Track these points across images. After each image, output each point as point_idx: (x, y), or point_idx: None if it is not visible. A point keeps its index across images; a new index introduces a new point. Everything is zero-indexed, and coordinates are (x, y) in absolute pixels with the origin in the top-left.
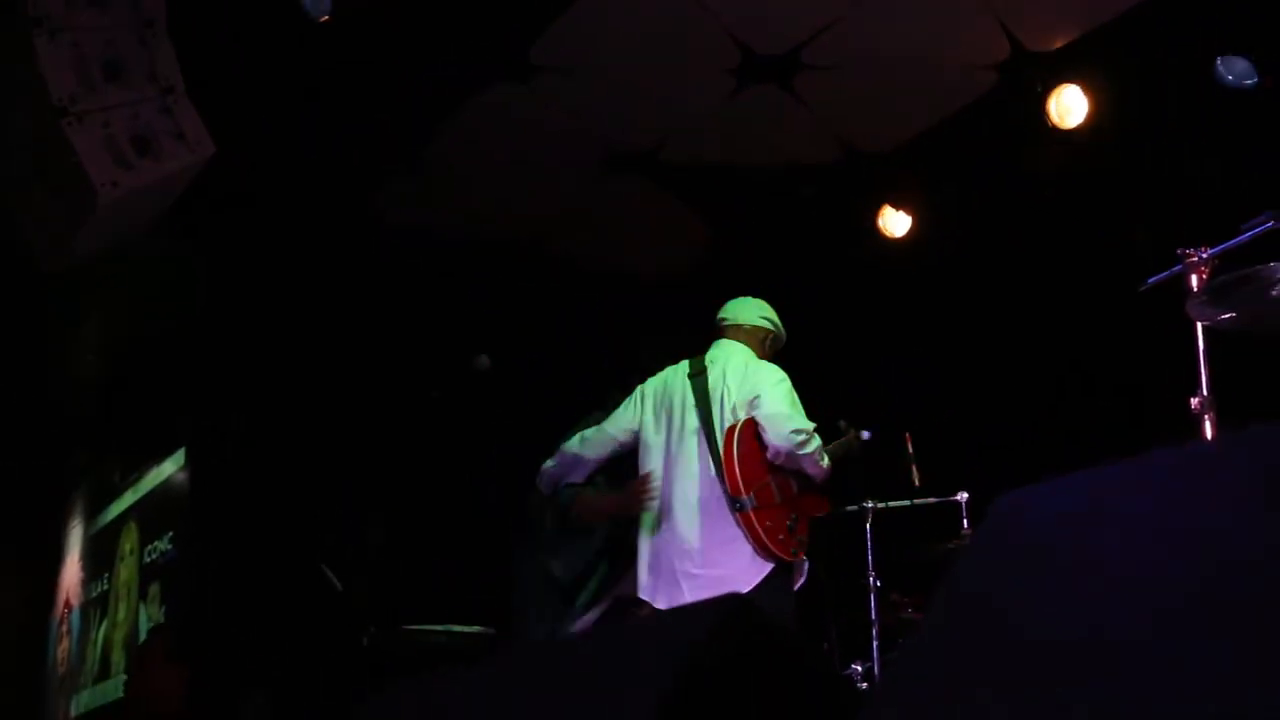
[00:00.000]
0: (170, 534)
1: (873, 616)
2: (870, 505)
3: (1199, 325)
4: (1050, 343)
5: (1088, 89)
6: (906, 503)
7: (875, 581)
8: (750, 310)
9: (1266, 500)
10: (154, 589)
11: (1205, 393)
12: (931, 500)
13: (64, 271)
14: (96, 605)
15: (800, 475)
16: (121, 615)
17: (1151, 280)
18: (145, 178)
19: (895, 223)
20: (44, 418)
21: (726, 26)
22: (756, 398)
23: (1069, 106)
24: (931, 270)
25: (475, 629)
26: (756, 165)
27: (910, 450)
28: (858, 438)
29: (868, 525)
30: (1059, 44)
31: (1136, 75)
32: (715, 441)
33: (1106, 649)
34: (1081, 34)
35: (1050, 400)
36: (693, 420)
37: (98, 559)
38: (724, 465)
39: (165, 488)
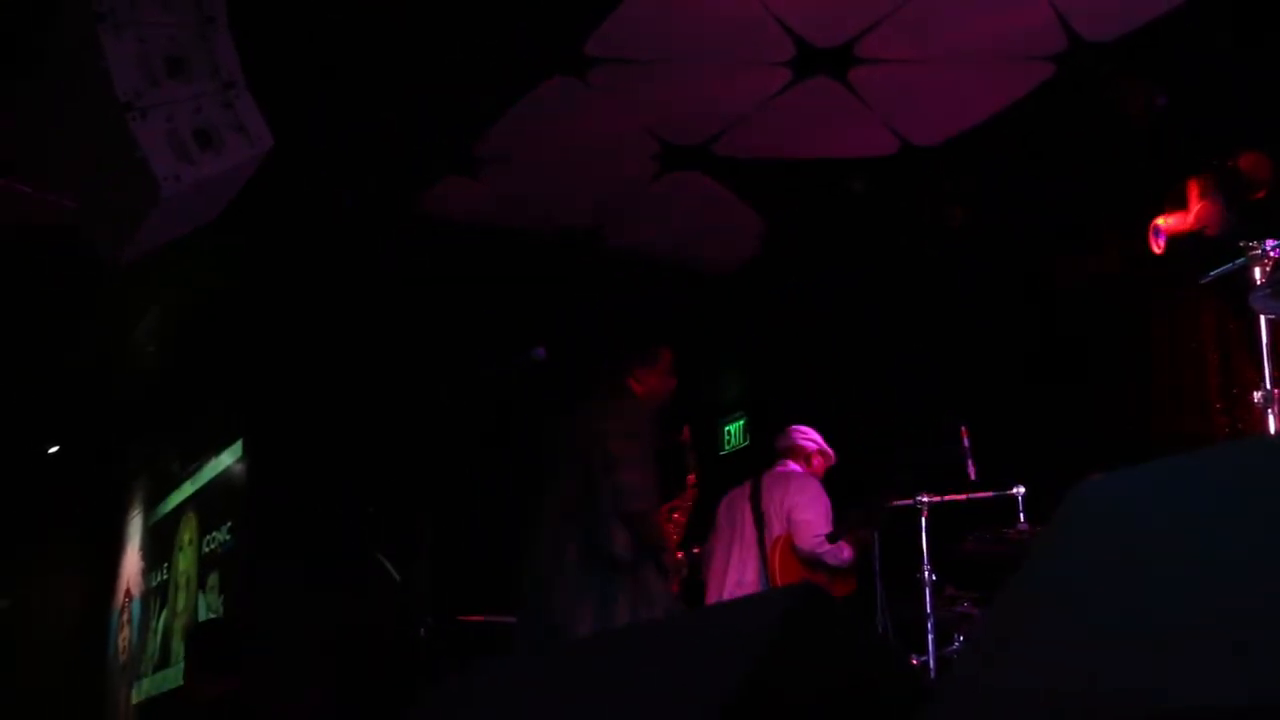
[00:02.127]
0: (229, 524)
1: (928, 610)
2: (926, 499)
3: (1262, 319)
4: (1110, 335)
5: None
6: (962, 497)
7: (931, 576)
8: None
9: None
10: (213, 579)
11: (1269, 386)
12: (988, 494)
13: (127, 265)
14: (156, 594)
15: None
16: (181, 604)
17: (1215, 273)
18: (207, 170)
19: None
20: (105, 409)
21: (781, 18)
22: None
23: None
24: (986, 262)
25: None
26: (810, 158)
27: (966, 444)
28: (879, 510)
29: (923, 519)
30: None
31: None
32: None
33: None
34: (1142, 25)
35: (1109, 394)
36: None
37: (157, 549)
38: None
39: (224, 478)
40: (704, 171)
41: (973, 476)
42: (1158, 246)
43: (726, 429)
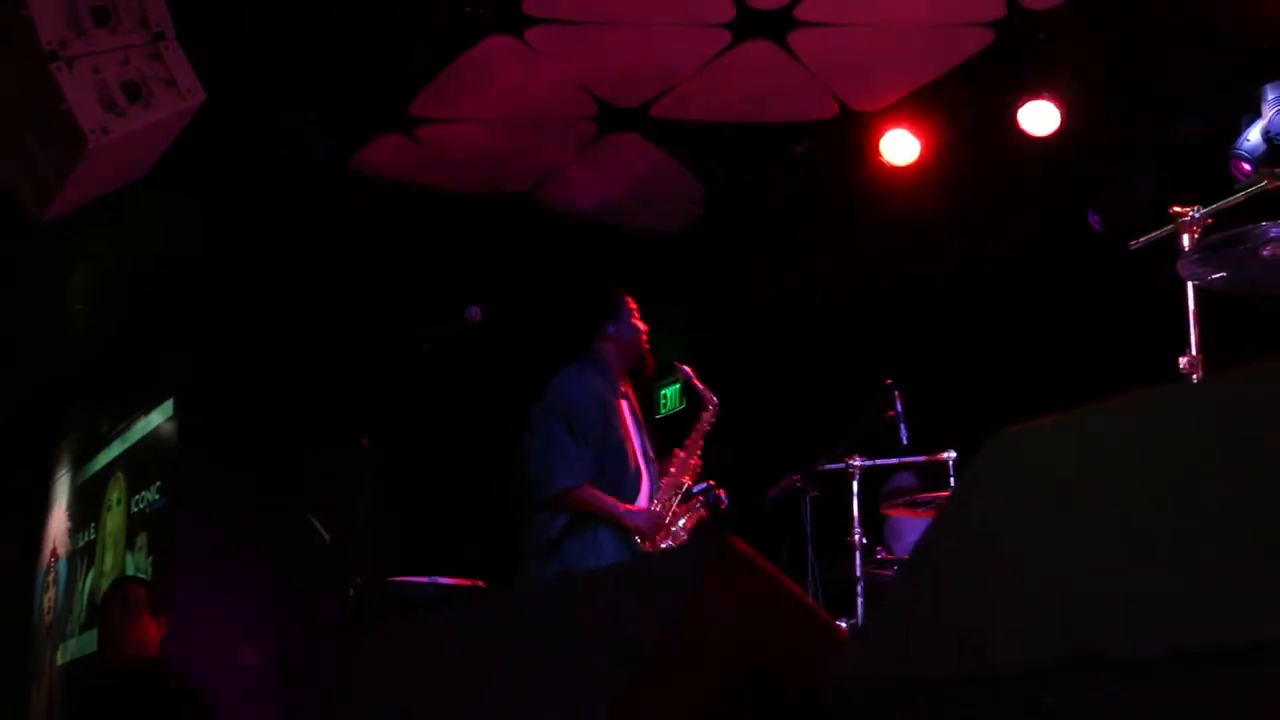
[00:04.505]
0: (158, 484)
1: (858, 574)
2: (857, 464)
3: (1190, 285)
4: (1041, 301)
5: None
6: (894, 461)
7: (861, 539)
8: None
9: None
10: (141, 539)
11: (1195, 352)
12: (920, 459)
13: (53, 220)
14: (83, 555)
15: None
16: (109, 565)
17: (1144, 239)
18: (135, 124)
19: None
20: (33, 367)
21: None
22: None
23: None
24: (925, 226)
25: (465, 582)
26: (750, 122)
27: (899, 408)
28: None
29: (854, 483)
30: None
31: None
32: None
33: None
34: None
35: (1040, 360)
36: None
37: (85, 508)
38: None
39: (153, 438)
40: (642, 134)
41: (905, 441)
42: None
43: (663, 393)
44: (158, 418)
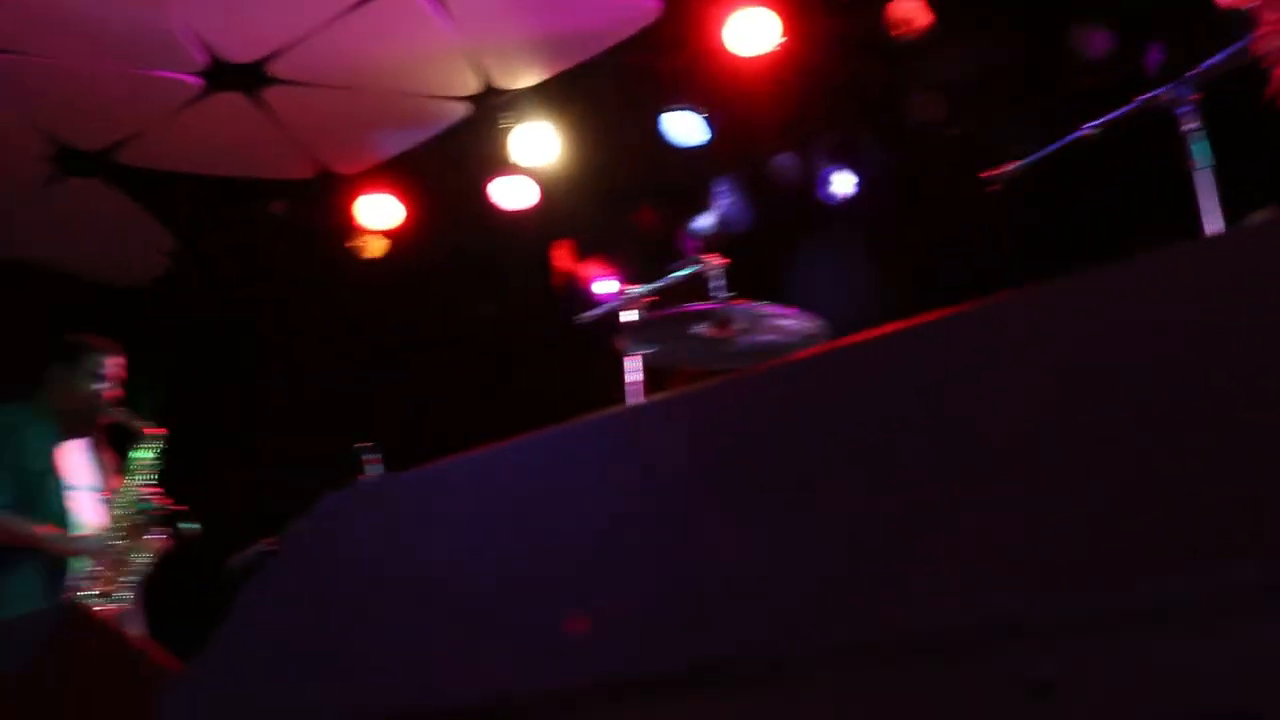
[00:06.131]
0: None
1: None
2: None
3: (627, 358)
4: (509, 365)
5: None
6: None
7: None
8: None
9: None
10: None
11: None
12: None
13: None
14: None
15: None
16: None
17: (588, 315)
18: None
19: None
20: None
21: (193, 26)
22: None
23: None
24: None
25: None
26: (227, 175)
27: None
28: None
29: None
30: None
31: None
32: None
33: None
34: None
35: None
36: None
37: None
38: None
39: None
40: (106, 179)
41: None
42: None
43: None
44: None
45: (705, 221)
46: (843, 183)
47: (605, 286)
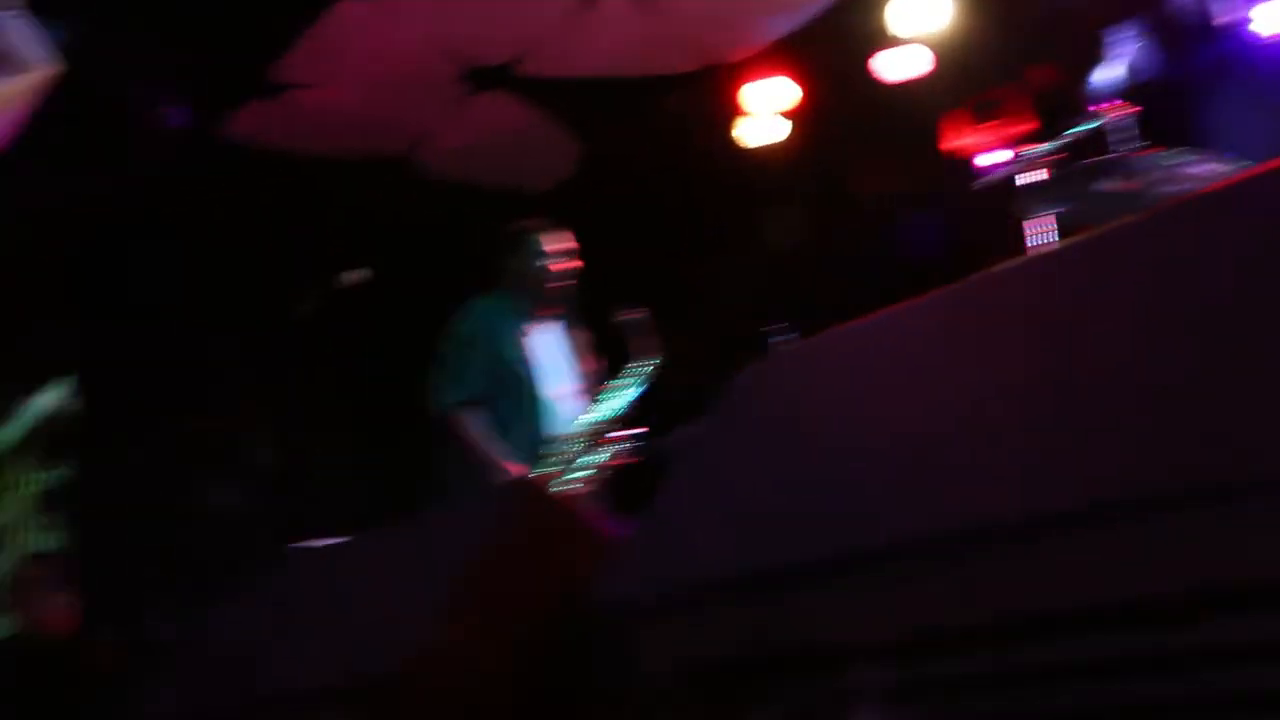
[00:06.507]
0: (63, 463)
1: None
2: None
3: (1027, 222)
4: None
5: None
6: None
7: None
8: None
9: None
10: (47, 520)
11: None
12: None
13: None
14: None
15: None
16: (16, 547)
17: (984, 180)
18: None
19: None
20: None
21: None
22: None
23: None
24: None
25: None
26: (616, 77)
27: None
28: None
29: None
30: None
31: None
32: None
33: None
34: None
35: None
36: None
37: None
38: None
39: (56, 417)
40: (511, 91)
41: None
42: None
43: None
44: (58, 395)
45: (1107, 73)
46: (1267, 20)
47: (997, 155)
